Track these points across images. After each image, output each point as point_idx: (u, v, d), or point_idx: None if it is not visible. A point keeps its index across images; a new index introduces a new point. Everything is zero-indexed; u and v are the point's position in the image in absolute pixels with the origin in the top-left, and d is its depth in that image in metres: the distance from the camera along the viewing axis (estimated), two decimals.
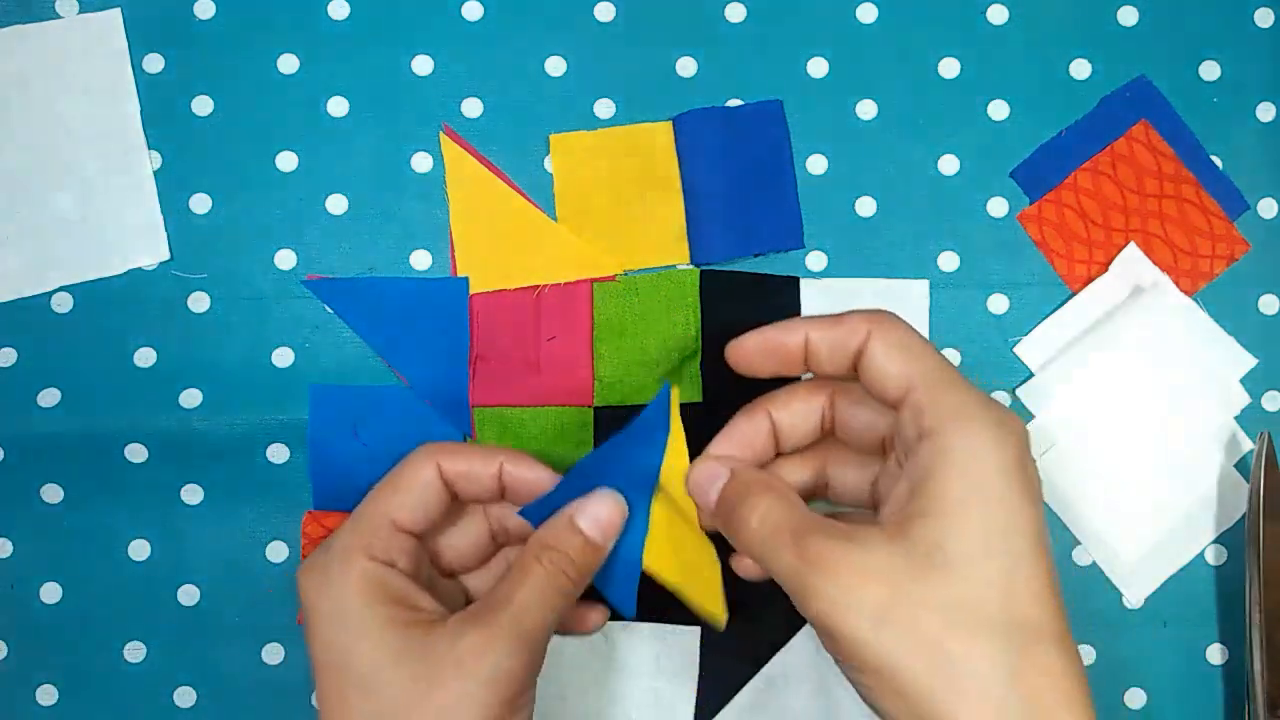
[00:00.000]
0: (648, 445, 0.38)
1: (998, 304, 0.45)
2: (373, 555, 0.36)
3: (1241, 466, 0.44)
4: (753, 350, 0.37)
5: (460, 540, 0.40)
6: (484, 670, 0.34)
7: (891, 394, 0.34)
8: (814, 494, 0.40)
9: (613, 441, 0.38)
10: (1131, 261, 0.45)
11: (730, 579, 0.39)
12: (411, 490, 0.37)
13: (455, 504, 0.39)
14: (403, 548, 0.37)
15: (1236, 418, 0.45)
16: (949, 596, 0.31)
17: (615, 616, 0.41)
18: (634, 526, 0.38)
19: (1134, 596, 0.44)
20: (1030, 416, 0.44)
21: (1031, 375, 0.45)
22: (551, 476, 0.38)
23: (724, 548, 0.38)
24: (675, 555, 0.38)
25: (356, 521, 0.37)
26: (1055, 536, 0.44)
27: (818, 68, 0.45)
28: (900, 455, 0.35)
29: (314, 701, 0.39)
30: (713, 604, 0.39)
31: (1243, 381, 0.45)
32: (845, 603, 0.32)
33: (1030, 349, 0.45)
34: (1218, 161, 0.45)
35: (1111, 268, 0.45)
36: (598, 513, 0.37)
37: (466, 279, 0.44)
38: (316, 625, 0.35)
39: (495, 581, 0.37)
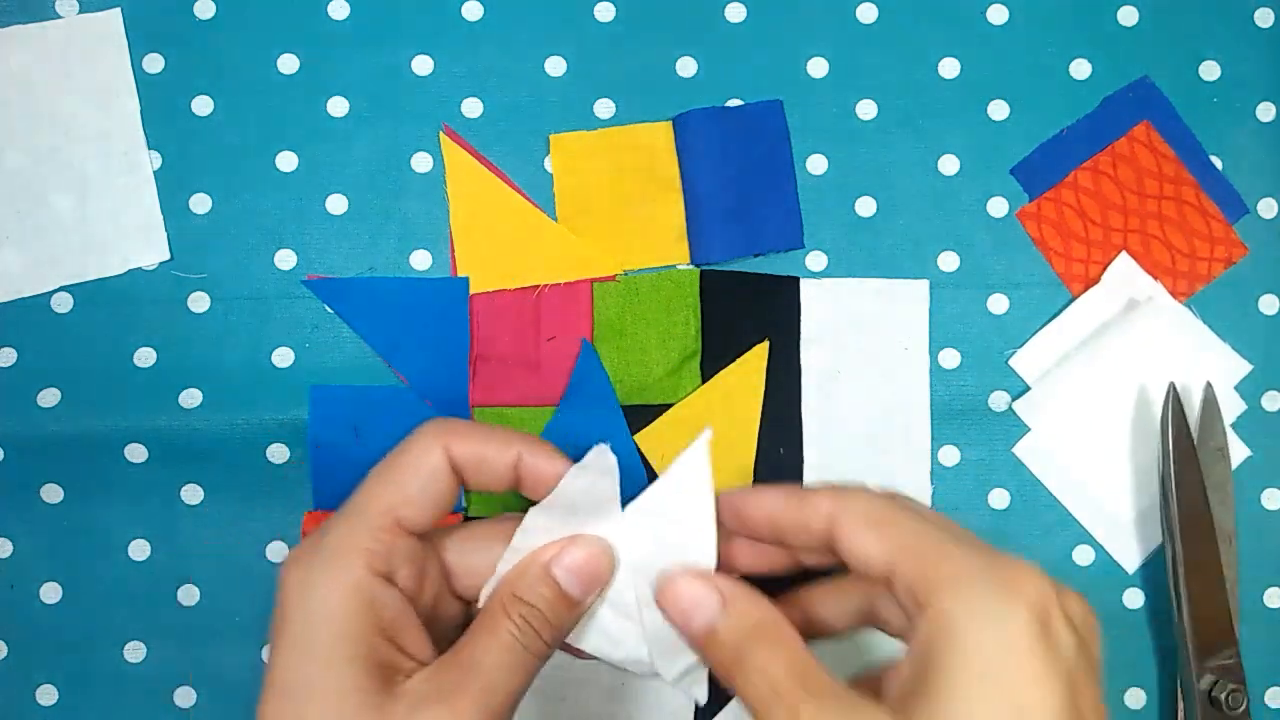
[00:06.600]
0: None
1: (998, 304, 0.45)
2: (372, 565, 0.30)
3: (1237, 472, 0.44)
4: (728, 519, 0.33)
5: (477, 554, 0.33)
6: None
7: (877, 574, 0.30)
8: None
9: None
10: (1124, 271, 0.45)
11: None
12: (417, 479, 0.31)
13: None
14: (408, 555, 0.31)
15: (1234, 423, 0.44)
16: None
17: None
18: None
19: (1134, 602, 0.44)
20: (1026, 429, 0.44)
21: (1028, 387, 0.45)
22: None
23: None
24: None
25: (355, 516, 0.31)
26: (1054, 535, 0.44)
27: (818, 68, 0.45)
28: (904, 629, 0.31)
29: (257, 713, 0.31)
30: None
31: (1238, 388, 0.45)
32: None
33: (1025, 361, 0.45)
34: (1218, 162, 0.45)
35: (1104, 278, 0.45)
36: (574, 560, 0.31)
37: (466, 279, 0.44)
38: (284, 635, 0.30)
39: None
